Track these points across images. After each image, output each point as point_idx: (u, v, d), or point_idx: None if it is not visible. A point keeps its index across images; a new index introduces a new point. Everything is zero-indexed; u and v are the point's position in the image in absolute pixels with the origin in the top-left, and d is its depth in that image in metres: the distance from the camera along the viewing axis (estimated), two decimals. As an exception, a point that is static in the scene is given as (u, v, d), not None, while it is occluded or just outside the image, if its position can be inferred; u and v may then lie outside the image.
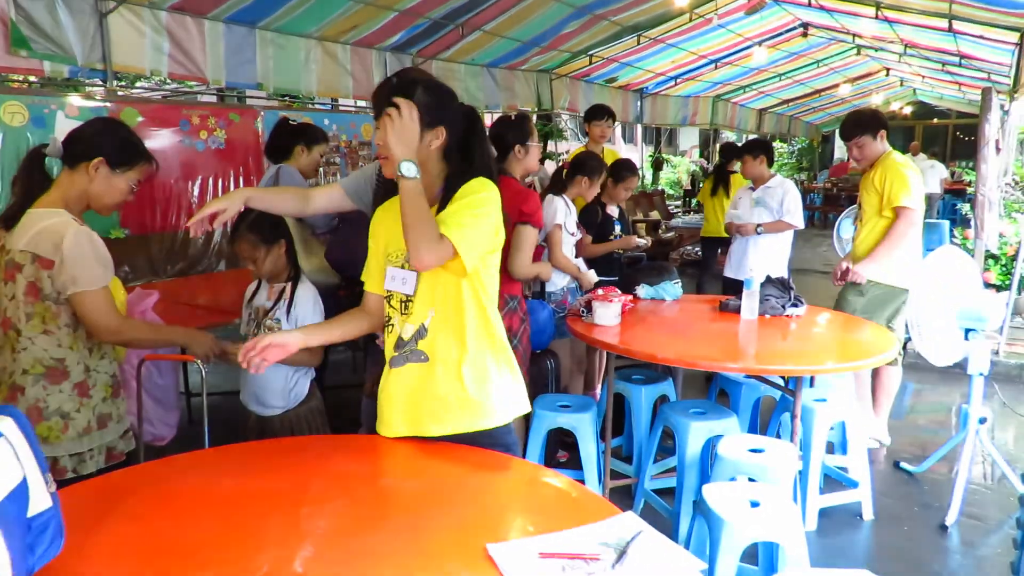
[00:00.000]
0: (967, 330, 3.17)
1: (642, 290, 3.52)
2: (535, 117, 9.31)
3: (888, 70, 12.85)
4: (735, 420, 2.89)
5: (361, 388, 2.98)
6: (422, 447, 1.70)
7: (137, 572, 1.20)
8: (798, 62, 11.36)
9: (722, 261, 4.95)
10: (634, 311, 3.27)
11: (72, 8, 4.08)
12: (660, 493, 3.11)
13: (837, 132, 5.78)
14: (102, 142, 1.99)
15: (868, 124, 3.61)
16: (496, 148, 3.10)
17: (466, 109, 1.76)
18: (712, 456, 2.75)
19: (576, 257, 3.72)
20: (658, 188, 14.16)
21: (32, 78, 4.55)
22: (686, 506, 2.75)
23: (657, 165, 15.97)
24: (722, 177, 5.86)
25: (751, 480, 2.44)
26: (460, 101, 1.75)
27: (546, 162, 10.33)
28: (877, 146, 3.61)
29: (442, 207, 1.65)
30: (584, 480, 2.95)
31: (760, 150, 4.61)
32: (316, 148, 3.59)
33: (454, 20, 6.22)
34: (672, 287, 3.55)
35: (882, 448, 3.74)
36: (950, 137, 19.97)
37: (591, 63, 8.74)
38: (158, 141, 4.64)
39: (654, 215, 10.34)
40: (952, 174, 14.04)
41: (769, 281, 3.27)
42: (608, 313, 2.95)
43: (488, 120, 7.19)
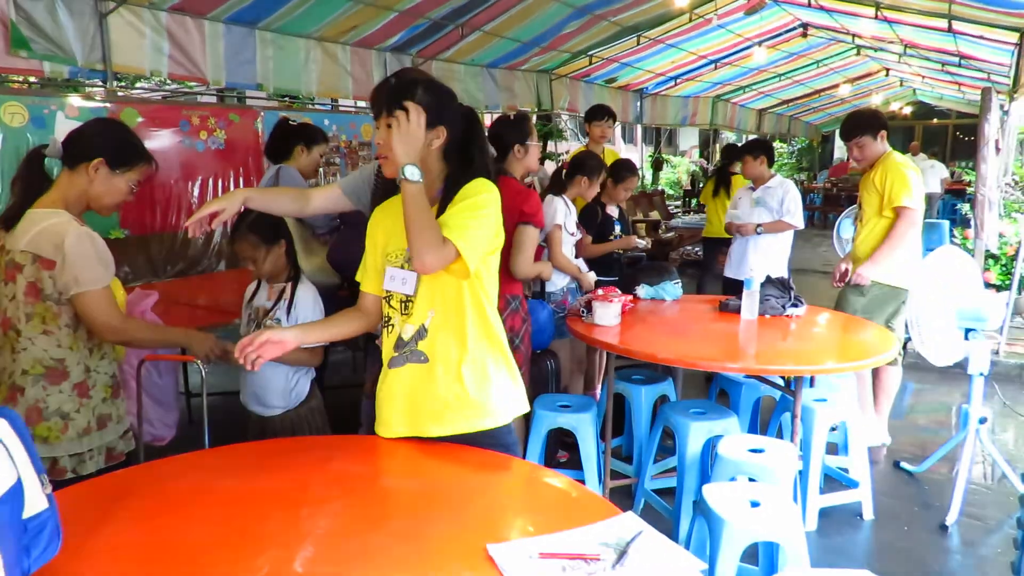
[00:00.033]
0: (967, 330, 3.18)
1: (642, 290, 3.53)
2: (535, 117, 9.31)
3: (888, 70, 12.85)
4: (735, 420, 2.89)
5: (361, 388, 2.98)
6: (422, 447, 1.70)
7: (137, 572, 1.20)
8: (798, 62, 11.36)
9: (722, 261, 4.95)
10: (634, 311, 3.27)
11: (72, 9, 4.08)
12: (660, 493, 3.11)
13: (837, 132, 5.78)
14: (102, 143, 1.99)
15: (868, 124, 3.61)
16: (495, 148, 3.10)
17: (465, 110, 1.76)
18: (712, 456, 2.75)
19: (576, 257, 3.72)
20: (658, 188, 14.16)
21: (32, 79, 4.55)
22: (686, 506, 2.75)
23: (657, 165, 15.97)
24: (724, 178, 5.86)
25: (751, 480, 2.45)
26: (459, 102, 1.75)
27: (546, 162, 10.34)
28: (877, 146, 3.61)
29: (442, 207, 1.65)
30: (584, 480, 2.95)
31: (760, 150, 4.60)
32: (316, 148, 3.59)
33: (454, 20, 6.22)
34: (672, 287, 3.55)
35: (882, 448, 3.73)
36: (950, 137, 19.98)
37: (591, 63, 8.74)
38: (158, 142, 4.65)
39: (654, 215, 10.34)
40: (952, 174, 14.03)
41: (769, 281, 3.27)
42: (608, 313, 2.96)
43: (488, 120, 7.20)
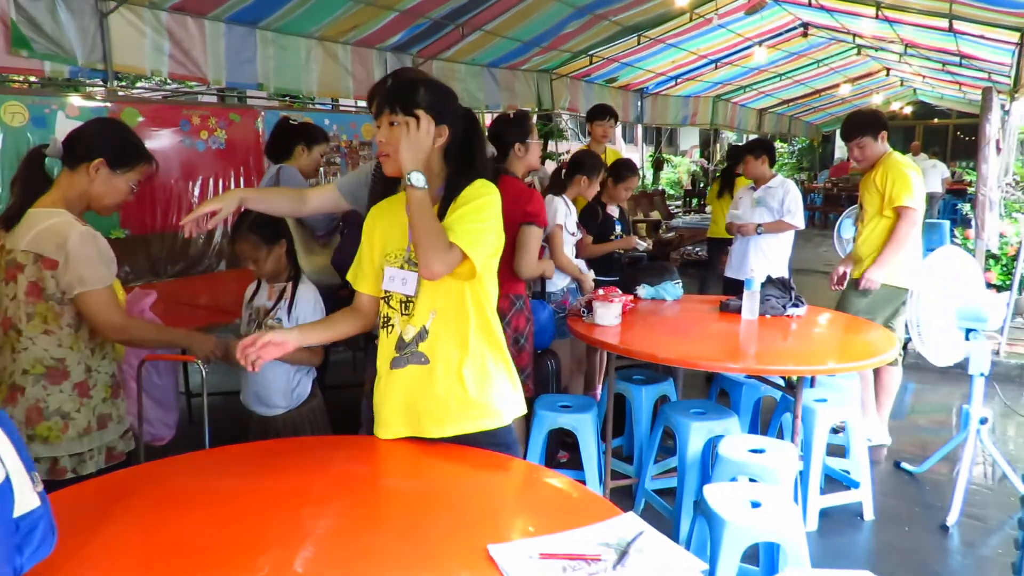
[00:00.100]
0: (968, 330, 3.17)
1: (643, 290, 3.52)
2: (535, 117, 9.31)
3: (888, 70, 12.84)
4: (736, 420, 2.89)
5: (361, 388, 2.98)
6: (423, 447, 1.70)
7: (137, 572, 1.20)
8: (798, 62, 11.36)
9: (724, 262, 4.95)
10: (635, 311, 3.27)
11: (72, 8, 4.08)
12: (661, 493, 3.10)
13: (838, 132, 5.76)
14: (102, 143, 1.99)
15: (869, 125, 3.61)
16: (496, 147, 3.09)
17: (463, 110, 1.76)
18: (713, 456, 2.74)
19: (576, 257, 3.71)
20: (658, 188, 14.17)
21: (32, 78, 4.55)
22: (687, 506, 2.75)
23: (658, 165, 15.98)
24: (729, 179, 5.85)
25: (752, 480, 2.44)
26: (459, 102, 1.75)
27: (546, 162, 10.33)
28: (878, 147, 3.61)
29: (443, 207, 1.65)
30: (585, 480, 2.94)
31: (762, 150, 4.61)
32: (317, 148, 3.59)
33: (454, 20, 6.22)
34: (673, 287, 3.55)
35: (883, 448, 3.73)
36: (950, 137, 19.97)
37: (591, 63, 8.74)
38: (158, 141, 4.65)
39: (654, 215, 10.34)
40: (953, 174, 14.02)
41: (770, 281, 3.27)
42: (609, 313, 2.95)
43: (488, 120, 7.20)
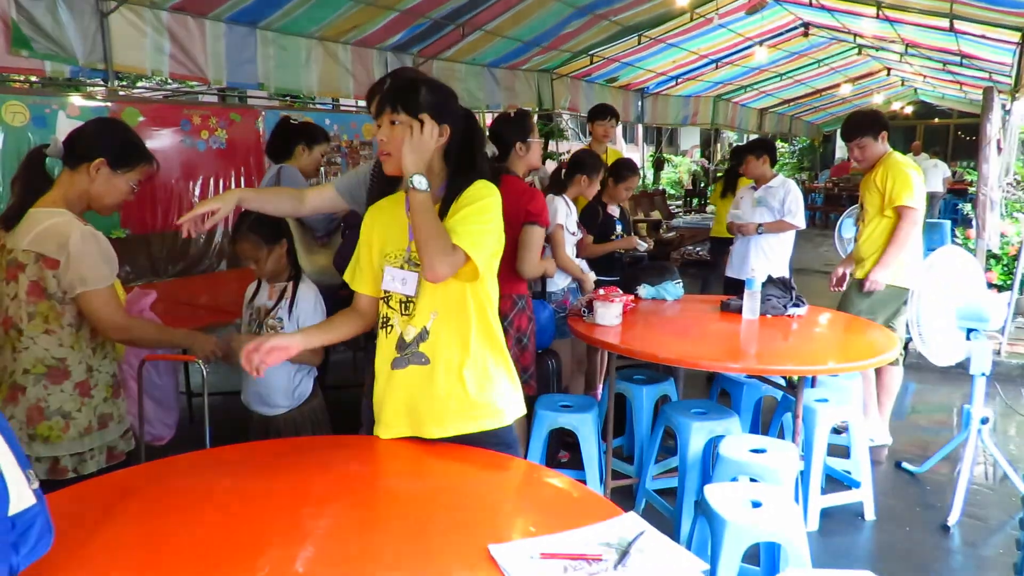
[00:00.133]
0: (969, 330, 3.17)
1: (643, 290, 3.52)
2: (536, 117, 9.31)
3: (889, 70, 12.84)
4: (736, 420, 2.88)
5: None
6: (423, 447, 1.70)
7: (137, 572, 1.20)
8: (799, 62, 11.36)
9: (726, 261, 4.94)
10: (635, 311, 3.26)
11: (73, 8, 4.09)
12: (661, 493, 3.10)
13: (838, 132, 5.76)
14: (103, 143, 1.99)
15: (869, 125, 3.62)
16: (496, 146, 3.09)
17: (463, 110, 1.76)
18: (714, 456, 2.74)
19: (577, 257, 3.71)
20: (659, 188, 14.17)
21: (33, 78, 4.55)
22: (688, 506, 2.75)
23: (658, 165, 15.99)
24: (732, 179, 5.85)
25: (753, 480, 2.44)
26: (459, 102, 1.75)
27: (547, 162, 10.33)
28: (878, 147, 3.61)
29: (444, 207, 1.65)
30: (585, 480, 2.94)
31: (763, 150, 4.61)
32: (317, 148, 3.58)
33: (455, 20, 6.22)
34: (673, 287, 3.54)
35: (884, 448, 3.73)
36: (951, 137, 19.95)
37: (592, 63, 8.75)
38: (159, 141, 4.65)
39: (655, 215, 10.34)
40: (954, 174, 14.02)
41: (770, 281, 3.27)
42: (609, 313, 2.95)
43: (488, 120, 7.19)
